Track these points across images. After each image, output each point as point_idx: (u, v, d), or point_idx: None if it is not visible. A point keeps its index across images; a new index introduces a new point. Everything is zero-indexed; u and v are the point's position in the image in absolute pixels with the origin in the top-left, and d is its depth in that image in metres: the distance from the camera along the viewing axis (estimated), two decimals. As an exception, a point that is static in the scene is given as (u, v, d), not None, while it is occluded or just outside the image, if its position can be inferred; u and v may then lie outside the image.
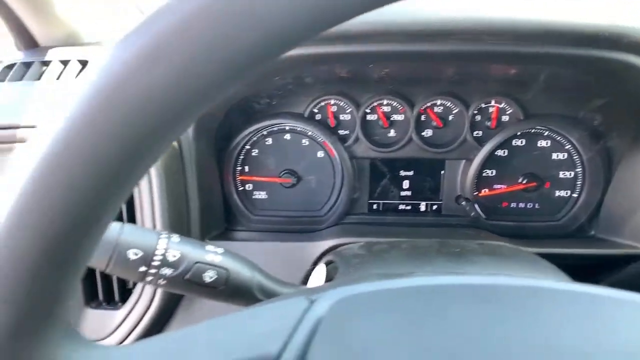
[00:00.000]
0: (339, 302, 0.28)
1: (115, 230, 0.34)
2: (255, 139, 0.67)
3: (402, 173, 0.67)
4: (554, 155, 0.66)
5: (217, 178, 0.66)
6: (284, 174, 0.67)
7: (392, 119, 0.65)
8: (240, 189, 0.68)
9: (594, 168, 0.64)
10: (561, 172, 0.66)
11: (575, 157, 0.65)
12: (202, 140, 0.58)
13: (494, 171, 0.67)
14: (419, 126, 0.65)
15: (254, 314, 0.28)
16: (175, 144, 0.55)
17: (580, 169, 0.66)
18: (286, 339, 0.26)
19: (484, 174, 0.67)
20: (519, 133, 0.65)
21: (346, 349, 0.24)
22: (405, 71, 0.59)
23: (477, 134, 0.65)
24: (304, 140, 0.67)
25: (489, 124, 0.64)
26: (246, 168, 0.68)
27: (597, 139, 0.62)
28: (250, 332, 0.27)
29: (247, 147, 0.67)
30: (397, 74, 0.59)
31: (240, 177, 0.68)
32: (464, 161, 0.66)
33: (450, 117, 0.65)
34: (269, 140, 0.67)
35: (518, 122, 0.63)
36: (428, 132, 0.65)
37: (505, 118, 0.64)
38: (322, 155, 0.67)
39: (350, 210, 0.68)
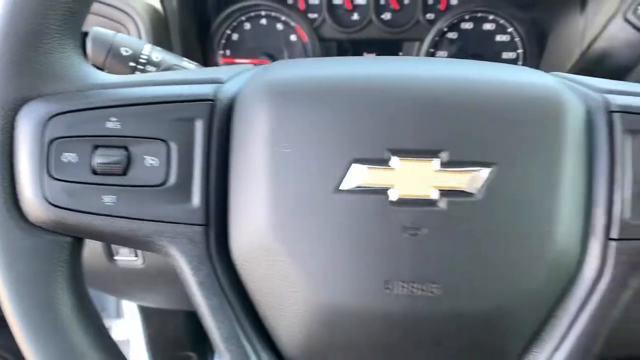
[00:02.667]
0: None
1: (110, 34, 0.44)
2: (235, 24, 0.75)
3: (365, 55, 0.76)
4: (498, 37, 0.75)
5: (202, 61, 0.75)
6: (261, 57, 0.76)
7: (355, 2, 0.74)
8: (222, 71, 0.77)
9: (531, 49, 0.74)
10: (504, 53, 0.75)
11: (516, 40, 0.74)
12: (185, 12, 0.66)
13: (446, 52, 0.76)
14: (379, 9, 0.74)
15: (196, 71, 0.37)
16: (159, 7, 0.63)
17: (521, 50, 0.75)
18: (235, 73, 0.35)
19: (438, 55, 0.76)
20: (466, 17, 0.74)
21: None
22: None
23: (429, 16, 0.74)
24: (278, 25, 0.75)
25: (439, 6, 0.73)
26: (227, 52, 0.77)
27: (525, 12, 0.71)
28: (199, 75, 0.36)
29: (228, 31, 0.76)
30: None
31: (222, 60, 0.77)
32: (417, 43, 0.75)
33: (406, 1, 0.73)
34: (247, 25, 0.76)
35: (463, 4, 0.72)
36: (387, 15, 0.74)
37: (454, 2, 0.73)
38: (295, 39, 0.76)
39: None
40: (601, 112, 0.32)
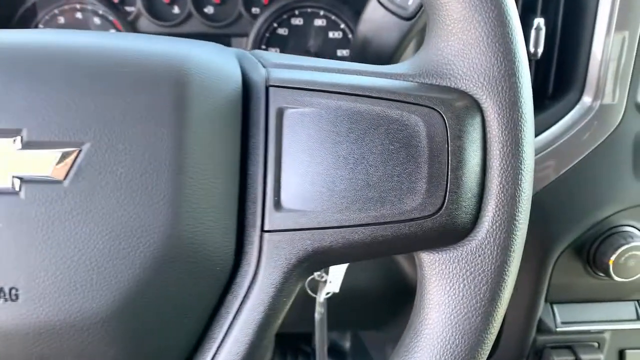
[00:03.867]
0: None
1: None
2: (47, 17, 0.69)
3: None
4: (331, 34, 0.72)
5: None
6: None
7: (174, -5, 0.69)
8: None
9: (365, 45, 0.71)
10: (338, 50, 0.72)
11: (349, 36, 0.71)
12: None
13: (278, 49, 0.72)
14: (199, 2, 0.69)
15: None
16: None
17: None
18: None
19: (270, 51, 0.72)
20: (296, 12, 0.70)
21: None
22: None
23: (254, 10, 0.70)
24: (95, 19, 0.70)
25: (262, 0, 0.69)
26: (42, 48, 0.71)
27: (347, 5, 0.69)
28: None
29: (41, 26, 0.70)
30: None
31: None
32: (245, 38, 0.71)
33: (229, -6, 0.70)
34: (61, 20, 0.70)
35: (286, -3, 0.69)
36: (210, 9, 0.70)
37: (279, -5, 0.70)
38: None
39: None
40: (261, 87, 0.28)
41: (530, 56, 0.56)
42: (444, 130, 0.26)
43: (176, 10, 0.70)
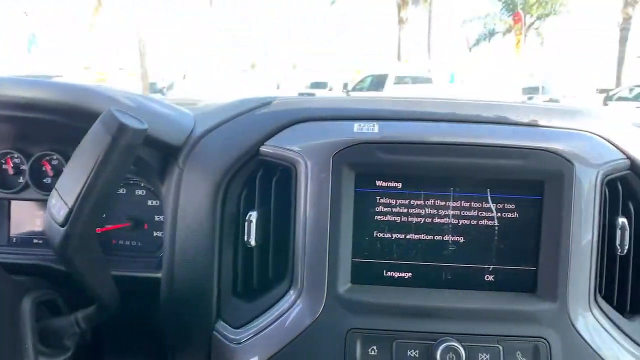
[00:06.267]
0: None
1: None
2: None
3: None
4: (149, 202, 0.80)
5: None
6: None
7: (20, 168, 0.82)
8: None
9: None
10: (156, 216, 0.80)
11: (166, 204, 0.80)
12: None
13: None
14: (34, 174, 0.81)
15: None
16: None
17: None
18: None
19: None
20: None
21: None
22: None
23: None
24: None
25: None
26: None
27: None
28: None
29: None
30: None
31: None
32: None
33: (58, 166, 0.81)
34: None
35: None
36: (48, 180, 0.82)
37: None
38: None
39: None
40: None
41: (248, 244, 0.60)
42: None
43: (21, 179, 0.82)
